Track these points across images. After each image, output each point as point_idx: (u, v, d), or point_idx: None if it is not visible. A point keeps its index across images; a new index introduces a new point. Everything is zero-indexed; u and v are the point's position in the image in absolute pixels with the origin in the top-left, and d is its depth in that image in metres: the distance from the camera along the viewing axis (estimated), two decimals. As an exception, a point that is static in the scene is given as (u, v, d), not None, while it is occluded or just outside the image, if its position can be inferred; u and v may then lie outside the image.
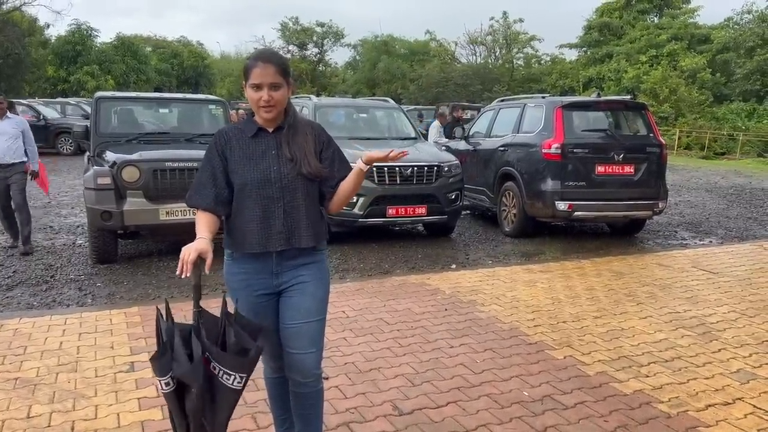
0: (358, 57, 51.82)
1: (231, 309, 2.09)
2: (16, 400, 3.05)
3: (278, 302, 2.28)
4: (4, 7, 30.36)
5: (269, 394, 2.50)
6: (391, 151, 2.17)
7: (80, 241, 6.88)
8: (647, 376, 3.44)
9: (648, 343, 3.95)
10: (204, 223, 2.15)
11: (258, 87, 2.12)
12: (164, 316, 2.02)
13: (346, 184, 2.25)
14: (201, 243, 2.04)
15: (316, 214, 2.25)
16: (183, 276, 1.97)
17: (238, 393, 1.97)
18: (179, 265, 1.99)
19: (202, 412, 1.97)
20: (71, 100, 24.38)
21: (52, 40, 38.49)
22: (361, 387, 3.25)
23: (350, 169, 2.28)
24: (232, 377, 1.93)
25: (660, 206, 7.22)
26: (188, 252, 1.99)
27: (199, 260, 2.01)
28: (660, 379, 3.40)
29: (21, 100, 20.08)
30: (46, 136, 17.84)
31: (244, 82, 2.18)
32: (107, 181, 5.52)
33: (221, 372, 1.94)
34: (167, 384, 1.95)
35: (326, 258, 2.35)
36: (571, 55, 42.31)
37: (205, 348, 1.95)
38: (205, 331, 1.98)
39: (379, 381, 3.33)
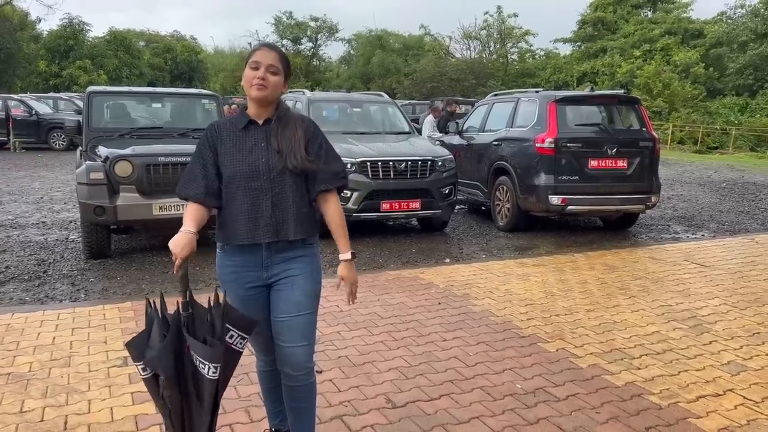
0: (352, 51, 51.76)
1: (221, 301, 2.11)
2: (9, 395, 3.05)
3: (269, 295, 2.28)
4: (-6, 1, 30.13)
5: (262, 388, 2.51)
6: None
7: (73, 237, 6.85)
8: (639, 369, 3.46)
9: (640, 336, 3.98)
10: (191, 216, 2.15)
11: (257, 66, 2.13)
12: (152, 305, 2.03)
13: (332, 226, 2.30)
14: (185, 237, 2.05)
15: (305, 206, 2.24)
16: (176, 273, 2.01)
17: (214, 384, 1.96)
18: (174, 260, 2.03)
19: (180, 400, 1.98)
20: (63, 95, 24.24)
21: (44, 35, 38.22)
22: (354, 380, 3.26)
23: (340, 164, 2.30)
24: (206, 367, 1.94)
25: (653, 200, 7.26)
26: (179, 248, 2.02)
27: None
28: (651, 371, 3.42)
29: (12, 95, 19.98)
30: (38, 131, 17.76)
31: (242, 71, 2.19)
32: (100, 176, 5.50)
33: (197, 360, 1.95)
34: (144, 369, 1.97)
35: (318, 252, 2.36)
36: (566, 49, 42.47)
37: (181, 338, 1.96)
38: (193, 322, 1.99)
39: (373, 374, 3.34)
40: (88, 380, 3.22)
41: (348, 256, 2.28)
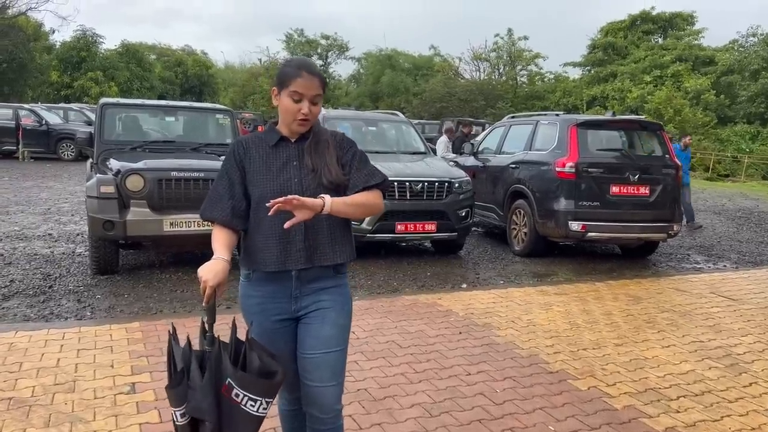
0: (362, 70, 51.99)
1: (240, 332, 1.93)
2: (10, 423, 2.86)
3: (296, 329, 2.10)
4: (9, 11, 30.28)
5: (283, 428, 2.31)
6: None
7: (80, 251, 6.69)
8: (678, 412, 3.25)
9: (675, 375, 3.76)
10: (221, 241, 1.98)
11: (300, 98, 1.96)
12: (178, 340, 1.85)
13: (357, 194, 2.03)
14: (218, 264, 1.88)
15: (341, 229, 2.07)
16: (206, 304, 1.83)
17: (260, 421, 1.84)
18: (204, 293, 1.85)
19: None
20: (74, 105, 24.25)
21: (57, 46, 38.46)
22: (376, 417, 3.06)
23: (374, 172, 2.07)
24: (258, 403, 1.79)
25: (675, 229, 7.06)
26: (210, 275, 1.85)
27: None
28: (692, 416, 3.21)
29: (23, 105, 19.99)
30: (48, 141, 17.74)
31: (276, 88, 2.02)
32: (110, 189, 5.34)
33: (245, 399, 1.79)
34: (183, 415, 1.78)
35: (347, 282, 2.18)
36: (575, 73, 42.47)
37: (227, 374, 1.79)
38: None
39: (395, 411, 3.13)
40: (93, 408, 3.03)
41: (328, 203, 1.91)
